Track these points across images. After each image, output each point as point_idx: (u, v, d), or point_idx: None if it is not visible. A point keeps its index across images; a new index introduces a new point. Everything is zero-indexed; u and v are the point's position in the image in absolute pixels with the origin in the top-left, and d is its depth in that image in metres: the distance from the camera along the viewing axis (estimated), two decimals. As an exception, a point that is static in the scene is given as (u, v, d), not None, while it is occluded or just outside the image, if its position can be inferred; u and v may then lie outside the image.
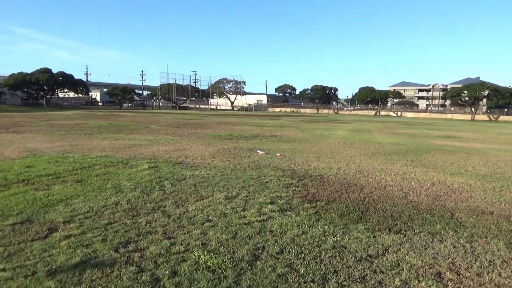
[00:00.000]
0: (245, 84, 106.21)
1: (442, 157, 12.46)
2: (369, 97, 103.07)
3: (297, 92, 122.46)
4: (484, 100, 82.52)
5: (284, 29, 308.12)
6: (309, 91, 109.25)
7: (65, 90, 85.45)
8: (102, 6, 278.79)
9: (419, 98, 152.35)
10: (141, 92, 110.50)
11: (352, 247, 4.16)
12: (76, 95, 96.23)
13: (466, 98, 77.67)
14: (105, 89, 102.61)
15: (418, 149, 14.65)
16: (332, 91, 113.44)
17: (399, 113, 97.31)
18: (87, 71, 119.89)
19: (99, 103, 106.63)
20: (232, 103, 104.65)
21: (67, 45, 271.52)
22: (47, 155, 10.29)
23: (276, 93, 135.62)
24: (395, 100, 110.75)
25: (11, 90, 77.39)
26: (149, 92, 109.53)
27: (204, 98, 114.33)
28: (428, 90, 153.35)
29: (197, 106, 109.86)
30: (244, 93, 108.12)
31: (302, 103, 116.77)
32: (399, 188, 7.39)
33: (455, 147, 16.05)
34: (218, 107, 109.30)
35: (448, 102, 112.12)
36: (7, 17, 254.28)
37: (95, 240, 4.08)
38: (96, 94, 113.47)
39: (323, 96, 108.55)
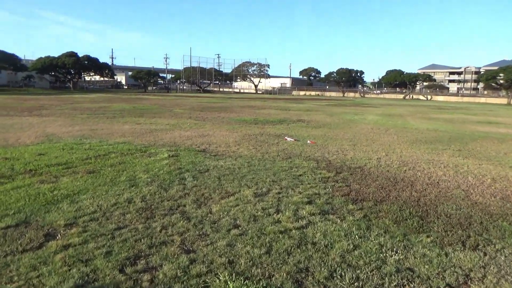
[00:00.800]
0: (269, 67, 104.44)
1: (492, 146, 11.16)
2: (397, 80, 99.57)
3: (322, 76, 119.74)
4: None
5: (308, 11, 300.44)
6: (335, 74, 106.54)
7: (91, 74, 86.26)
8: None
9: (450, 81, 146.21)
10: (165, 75, 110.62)
11: (422, 270, 3.21)
12: (102, 79, 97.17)
13: (502, 81, 73.51)
14: (130, 73, 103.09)
15: (461, 137, 13.32)
16: (358, 74, 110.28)
17: (429, 97, 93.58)
18: (112, 55, 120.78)
19: (125, 87, 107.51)
20: (256, 86, 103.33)
21: (92, 27, 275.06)
22: (63, 141, 9.70)
23: (301, 77, 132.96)
24: (425, 84, 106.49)
25: (39, 74, 78.88)
26: (173, 76, 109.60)
27: (228, 82, 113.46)
28: (459, 73, 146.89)
29: (221, 89, 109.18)
30: (268, 76, 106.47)
31: (327, 87, 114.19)
32: (456, 184, 6.31)
33: (502, 135, 14.58)
34: (242, 91, 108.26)
35: (481, 85, 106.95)
36: (33, 1, 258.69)
37: (97, 254, 3.30)
38: (121, 78, 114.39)
39: (349, 79, 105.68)
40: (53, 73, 78.76)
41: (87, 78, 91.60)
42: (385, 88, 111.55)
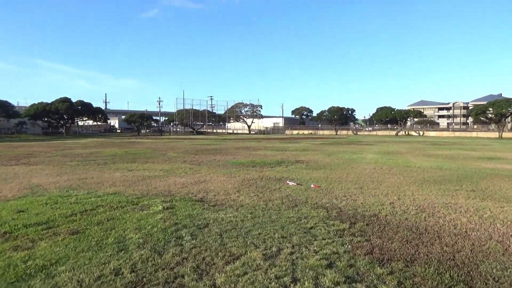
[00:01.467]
0: (261, 108, 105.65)
1: (505, 185, 10.58)
2: (388, 117, 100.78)
3: (314, 114, 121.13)
4: (510, 117, 79.05)
5: (298, 52, 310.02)
6: (326, 113, 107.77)
7: (84, 118, 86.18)
8: (119, 38, 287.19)
9: (439, 116, 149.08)
10: (158, 118, 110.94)
11: None
12: (95, 123, 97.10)
13: (492, 116, 74.62)
14: (123, 116, 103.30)
15: (469, 175, 12.76)
16: (350, 112, 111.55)
17: (420, 132, 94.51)
18: (105, 99, 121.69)
19: (118, 130, 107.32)
20: (249, 126, 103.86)
21: (86, 75, 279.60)
22: (48, 194, 8.92)
23: (293, 116, 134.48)
24: (415, 119, 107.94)
25: (31, 120, 78.53)
26: (166, 118, 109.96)
27: (221, 123, 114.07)
28: (448, 109, 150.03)
29: (214, 130, 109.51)
30: (261, 117, 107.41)
31: (319, 125, 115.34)
32: (487, 235, 5.63)
33: (510, 171, 14.07)
34: (235, 131, 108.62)
35: (470, 119, 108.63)
36: (32, 50, 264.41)
37: None
38: (114, 122, 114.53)
39: (341, 117, 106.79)
40: (46, 118, 78.50)
41: (80, 123, 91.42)
42: (376, 125, 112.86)
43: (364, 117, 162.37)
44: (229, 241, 5.18)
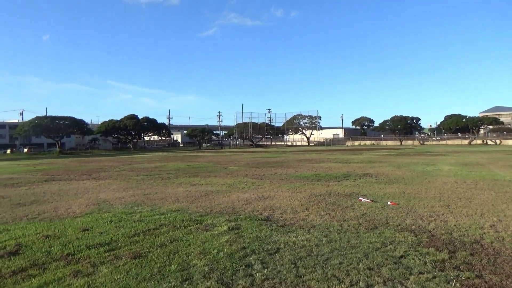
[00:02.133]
0: (320, 119, 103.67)
1: None
2: (459, 125, 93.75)
3: (376, 124, 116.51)
4: None
5: (357, 61, 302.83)
6: (389, 122, 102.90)
7: (150, 134, 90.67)
8: (180, 57, 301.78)
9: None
10: (218, 132, 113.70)
11: None
12: (160, 138, 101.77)
13: None
14: (185, 131, 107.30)
15: None
16: (414, 121, 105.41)
17: (497, 141, 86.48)
18: (169, 115, 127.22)
19: (180, 144, 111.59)
20: (308, 138, 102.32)
21: (151, 93, 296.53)
22: (113, 210, 8.84)
23: (353, 126, 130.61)
24: (490, 127, 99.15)
25: (103, 136, 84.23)
26: (226, 132, 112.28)
27: (280, 135, 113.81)
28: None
29: (273, 143, 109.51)
30: (320, 128, 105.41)
31: (382, 135, 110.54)
32: None
33: None
34: (294, 143, 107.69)
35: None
36: (104, 72, 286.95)
37: None
38: (177, 136, 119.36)
39: (405, 126, 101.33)
40: (115, 135, 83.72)
41: (146, 138, 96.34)
42: (445, 134, 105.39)
43: (430, 125, 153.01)
44: (306, 272, 4.44)
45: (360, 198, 9.84)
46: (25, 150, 74.48)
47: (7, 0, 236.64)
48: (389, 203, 9.11)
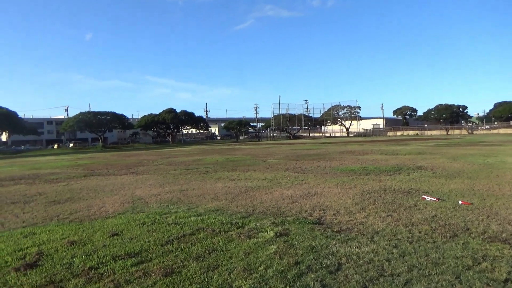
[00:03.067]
0: (360, 109, 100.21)
1: None
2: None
3: (419, 113, 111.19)
4: None
5: (397, 48, 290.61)
6: (433, 112, 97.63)
7: (188, 127, 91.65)
8: (216, 51, 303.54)
9: None
10: (255, 124, 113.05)
11: None
12: (198, 131, 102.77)
13: None
14: (222, 124, 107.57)
15: None
16: (461, 109, 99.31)
17: (558, 129, 79.72)
18: (206, 108, 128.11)
19: (218, 137, 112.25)
20: (347, 129, 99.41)
21: (188, 87, 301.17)
22: (148, 209, 8.15)
23: (394, 116, 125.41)
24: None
25: (143, 130, 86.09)
26: (263, 124, 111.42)
27: (318, 126, 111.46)
28: None
29: (311, 134, 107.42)
30: (360, 118, 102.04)
31: (426, 125, 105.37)
32: None
33: None
34: (333, 135, 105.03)
35: None
36: (143, 68, 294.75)
37: None
38: (215, 129, 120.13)
39: (451, 115, 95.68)
40: (155, 128, 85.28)
41: (184, 131, 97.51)
42: (495, 123, 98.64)
43: (478, 114, 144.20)
44: (384, 301, 3.38)
45: (423, 196, 8.54)
46: (71, 145, 77.60)
47: (53, 1, 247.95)
48: (460, 202, 7.77)
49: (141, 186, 12.38)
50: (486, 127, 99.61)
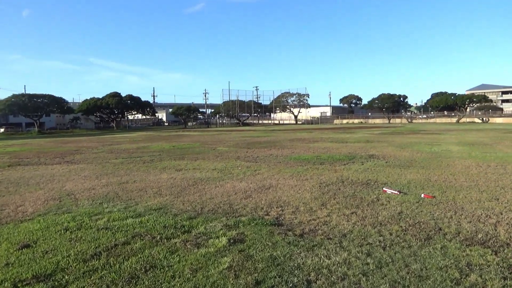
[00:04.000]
0: (308, 97, 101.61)
1: None
2: (449, 103, 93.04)
3: (364, 102, 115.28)
4: None
5: (344, 38, 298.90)
6: (377, 101, 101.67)
7: (134, 112, 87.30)
8: (166, 33, 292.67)
9: (504, 101, 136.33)
10: (204, 110, 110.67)
11: None
12: (144, 117, 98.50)
13: None
14: (170, 109, 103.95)
15: None
16: (402, 99, 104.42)
17: (485, 119, 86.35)
18: (153, 93, 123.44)
19: (165, 123, 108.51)
20: (295, 116, 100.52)
21: (136, 70, 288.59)
22: (76, 209, 6.88)
23: (341, 104, 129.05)
24: (475, 105, 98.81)
25: (84, 115, 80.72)
26: (212, 110, 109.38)
27: (267, 113, 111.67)
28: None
29: (260, 121, 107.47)
30: (308, 106, 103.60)
31: (370, 114, 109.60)
32: None
33: None
34: (281, 122, 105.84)
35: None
36: (87, 49, 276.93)
37: None
38: (162, 115, 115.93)
39: (393, 105, 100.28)
40: (97, 114, 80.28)
41: (130, 117, 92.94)
42: (431, 112, 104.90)
43: (416, 104, 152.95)
44: None
45: (384, 189, 8.08)
46: (1, 130, 70.77)
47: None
48: (422, 195, 7.38)
49: (74, 178, 10.89)
50: (424, 116, 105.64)
